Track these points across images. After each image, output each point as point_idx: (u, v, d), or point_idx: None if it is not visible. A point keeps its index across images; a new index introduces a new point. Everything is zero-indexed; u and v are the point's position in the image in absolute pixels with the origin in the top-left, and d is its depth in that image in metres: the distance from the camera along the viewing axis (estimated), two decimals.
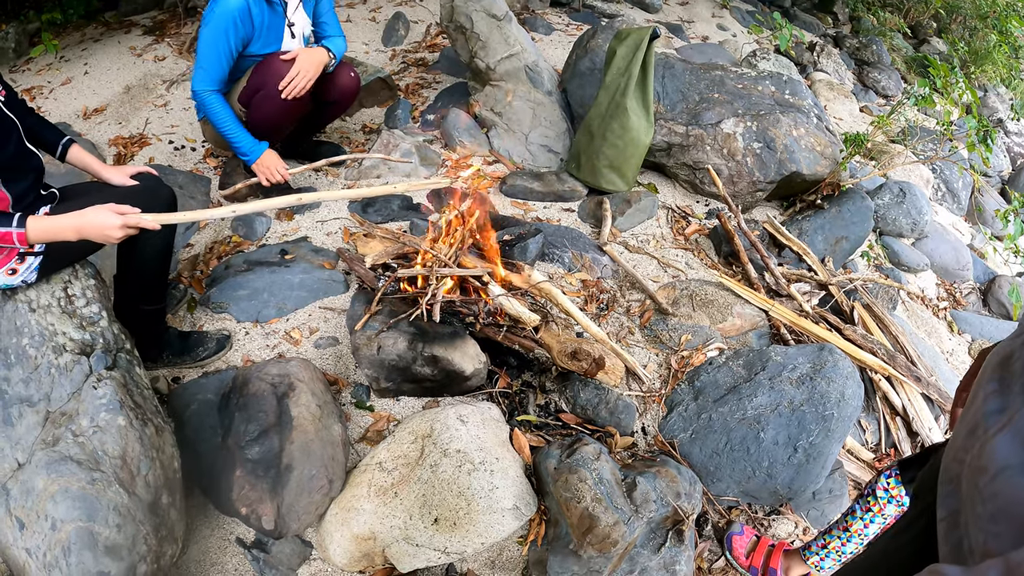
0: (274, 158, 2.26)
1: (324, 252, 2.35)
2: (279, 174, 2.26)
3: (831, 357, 2.04)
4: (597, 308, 2.27)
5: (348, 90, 2.44)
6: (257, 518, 1.57)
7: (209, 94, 2.15)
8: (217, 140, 2.49)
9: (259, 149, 2.23)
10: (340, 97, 2.45)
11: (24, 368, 1.50)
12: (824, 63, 5.05)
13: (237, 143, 2.21)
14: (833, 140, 3.09)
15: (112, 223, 1.45)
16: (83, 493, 1.34)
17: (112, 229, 1.45)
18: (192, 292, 2.18)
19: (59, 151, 1.75)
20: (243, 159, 2.26)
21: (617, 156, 2.72)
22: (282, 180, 2.29)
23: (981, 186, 4.26)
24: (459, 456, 1.65)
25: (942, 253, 3.57)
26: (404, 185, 1.76)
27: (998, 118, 5.64)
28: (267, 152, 2.24)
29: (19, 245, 1.43)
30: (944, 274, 3.57)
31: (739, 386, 2.00)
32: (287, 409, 1.68)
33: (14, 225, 1.40)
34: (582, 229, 2.70)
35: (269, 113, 2.20)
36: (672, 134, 2.92)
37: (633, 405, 1.98)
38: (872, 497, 1.45)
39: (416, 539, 1.58)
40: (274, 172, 2.26)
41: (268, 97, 2.16)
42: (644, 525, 1.61)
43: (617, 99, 2.66)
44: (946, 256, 3.58)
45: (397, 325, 1.86)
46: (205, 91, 2.14)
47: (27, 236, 1.42)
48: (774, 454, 1.89)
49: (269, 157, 2.25)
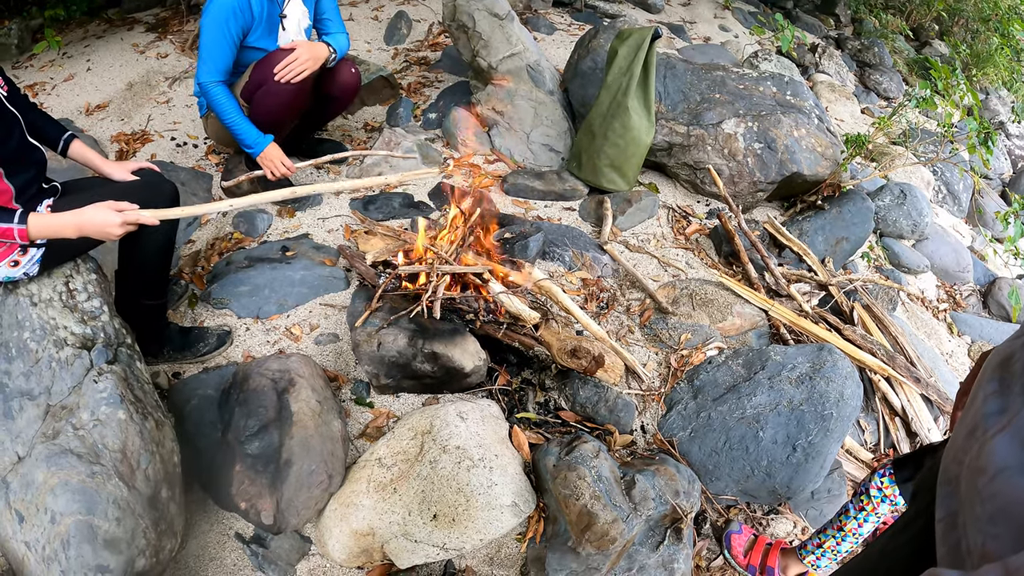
0: (278, 152, 2.26)
1: (325, 249, 2.35)
2: (283, 167, 2.27)
3: (830, 357, 2.04)
4: (597, 307, 2.28)
5: (349, 86, 2.44)
6: (256, 513, 1.57)
7: (215, 85, 2.16)
8: (220, 136, 2.50)
9: (264, 142, 2.23)
10: (341, 93, 2.46)
11: (25, 362, 1.51)
12: (826, 64, 5.05)
13: (242, 135, 2.21)
14: (834, 141, 3.10)
15: (112, 220, 1.46)
16: (83, 486, 1.34)
17: (112, 226, 1.46)
18: (193, 288, 2.19)
19: (60, 146, 1.76)
20: (247, 151, 2.27)
21: (618, 155, 2.72)
22: (287, 173, 2.29)
23: (981, 188, 4.26)
24: (458, 452, 1.66)
25: (942, 255, 3.57)
26: (397, 177, 1.76)
27: (1000, 121, 5.64)
28: (271, 145, 2.24)
29: (20, 241, 1.43)
30: (944, 276, 3.57)
31: (738, 385, 2.00)
32: (287, 405, 1.68)
33: (15, 221, 1.41)
34: (583, 228, 2.71)
35: (270, 107, 2.20)
36: (673, 134, 2.93)
37: (632, 403, 1.98)
38: (866, 496, 1.45)
39: (415, 535, 1.58)
40: (278, 165, 2.26)
41: (269, 92, 2.17)
42: (643, 523, 1.62)
43: (618, 99, 2.67)
44: (946, 258, 3.58)
45: (397, 322, 1.86)
46: (211, 82, 2.15)
47: (28, 232, 1.43)
48: (773, 453, 1.89)
49: (273, 150, 2.25)
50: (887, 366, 2.35)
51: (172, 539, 1.49)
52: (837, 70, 5.08)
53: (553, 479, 1.67)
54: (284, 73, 2.15)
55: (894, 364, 2.38)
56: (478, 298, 1.92)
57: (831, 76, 4.96)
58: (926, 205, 3.49)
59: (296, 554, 1.65)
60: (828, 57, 5.10)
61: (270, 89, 2.15)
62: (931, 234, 3.60)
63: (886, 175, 3.64)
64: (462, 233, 1.98)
